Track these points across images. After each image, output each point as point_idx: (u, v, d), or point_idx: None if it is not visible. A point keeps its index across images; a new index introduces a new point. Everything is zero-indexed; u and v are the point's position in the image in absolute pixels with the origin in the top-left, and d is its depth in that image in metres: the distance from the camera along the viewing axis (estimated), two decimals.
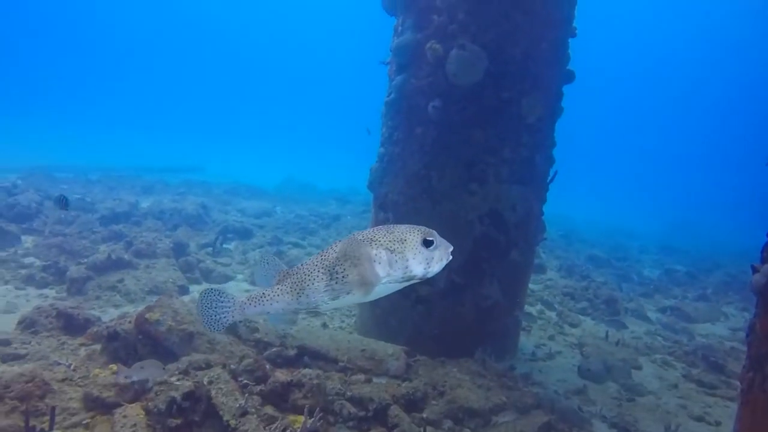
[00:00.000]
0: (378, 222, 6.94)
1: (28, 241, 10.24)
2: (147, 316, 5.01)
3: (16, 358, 5.22)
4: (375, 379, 5.15)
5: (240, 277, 9.81)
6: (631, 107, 77.50)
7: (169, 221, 12.71)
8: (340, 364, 5.34)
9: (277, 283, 2.86)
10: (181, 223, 12.75)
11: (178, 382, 4.10)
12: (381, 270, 2.73)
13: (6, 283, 8.17)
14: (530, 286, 10.85)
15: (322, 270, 2.75)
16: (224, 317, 2.90)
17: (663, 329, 9.49)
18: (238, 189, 23.28)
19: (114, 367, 4.56)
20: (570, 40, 6.72)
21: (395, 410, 4.51)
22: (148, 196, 18.13)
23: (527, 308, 9.32)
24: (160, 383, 4.13)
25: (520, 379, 6.13)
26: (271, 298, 2.85)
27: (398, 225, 2.86)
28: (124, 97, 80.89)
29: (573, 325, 9.00)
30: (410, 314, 6.55)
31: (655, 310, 11.04)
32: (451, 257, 2.80)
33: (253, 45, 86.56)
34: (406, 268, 2.76)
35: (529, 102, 6.19)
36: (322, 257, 2.78)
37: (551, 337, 8.15)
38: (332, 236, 14.56)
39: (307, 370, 4.68)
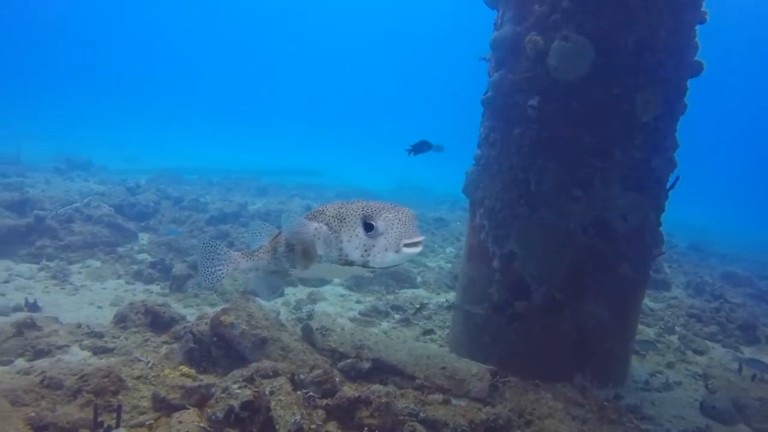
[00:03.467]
0: (474, 229, 6.50)
1: (144, 238, 10.87)
2: (222, 318, 4.95)
3: (105, 351, 5.40)
4: (454, 401, 4.73)
5: (337, 281, 9.70)
6: None
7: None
8: (417, 381, 4.97)
9: (269, 243, 2.99)
10: None
11: (238, 390, 3.94)
12: (319, 247, 2.55)
13: (119, 277, 8.66)
14: (649, 304, 9.84)
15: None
16: (220, 270, 3.05)
17: None
18: (350, 192, 23.55)
19: (183, 368, 4.51)
20: (699, 26, 5.90)
21: None
22: (261, 198, 18.81)
23: (643, 329, 8.40)
24: (222, 390, 4.00)
25: (627, 411, 5.40)
26: (258, 255, 3.02)
27: (358, 200, 2.59)
28: (253, 103, 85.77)
29: (698, 353, 7.94)
30: (505, 331, 6.03)
31: None
32: (411, 250, 2.38)
33: (371, 50, 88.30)
34: (341, 250, 2.50)
35: (644, 98, 5.47)
36: None
37: (670, 365, 7.22)
38: (437, 242, 14.18)
39: (376, 386, 4.35)
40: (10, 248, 9.05)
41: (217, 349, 4.92)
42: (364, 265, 2.46)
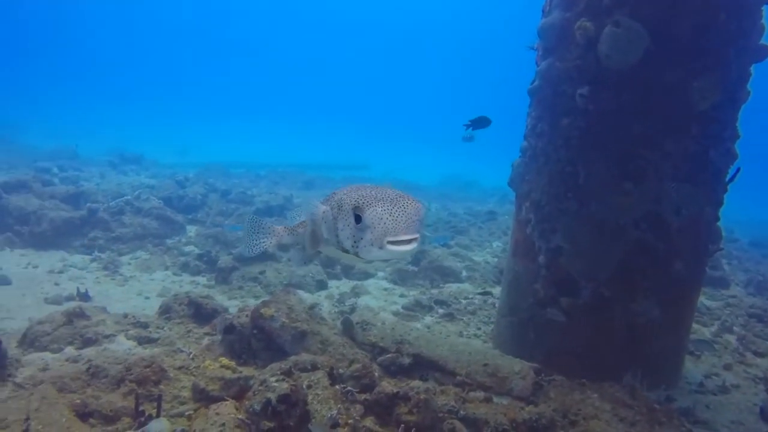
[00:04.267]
0: (520, 224, 6.33)
1: (192, 230, 11.10)
2: (262, 311, 4.96)
3: (150, 341, 5.51)
4: (495, 399, 4.61)
5: (381, 274, 9.66)
6: None
7: None
8: (458, 378, 4.86)
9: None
10: None
11: (276, 383, 3.91)
12: (323, 230, 2.57)
13: (167, 268, 8.85)
14: (706, 302, 9.41)
15: None
16: (263, 242, 3.27)
17: None
18: (395, 186, 23.33)
19: (223, 359, 4.54)
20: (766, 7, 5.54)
21: None
22: (308, 191, 18.94)
23: (699, 329, 8.04)
24: (260, 383, 3.99)
25: (679, 414, 5.15)
26: (297, 231, 3.18)
27: (366, 187, 2.51)
28: (303, 98, 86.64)
29: (759, 354, 7.53)
30: (550, 327, 5.85)
31: None
32: (397, 248, 2.25)
33: (419, 43, 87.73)
34: (337, 236, 2.48)
35: (702, 86, 5.18)
36: None
37: (727, 367, 6.87)
38: (483, 236, 13.97)
39: (416, 383, 4.27)
40: (66, 240, 9.39)
41: (257, 342, 4.93)
42: (357, 255, 2.41)
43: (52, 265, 8.40)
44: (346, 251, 2.46)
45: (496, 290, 9.10)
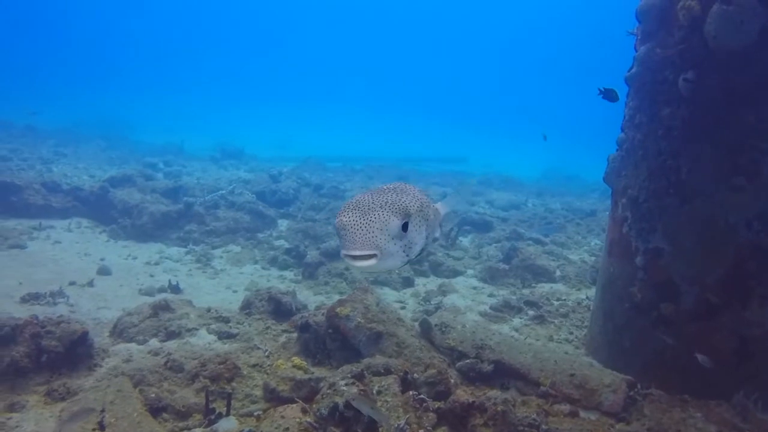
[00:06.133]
0: (615, 221, 5.89)
1: (283, 224, 11.32)
2: (338, 309, 4.88)
3: (229, 336, 5.60)
4: (582, 413, 4.26)
5: (470, 272, 9.39)
6: None
7: None
8: (542, 388, 4.55)
9: None
10: None
11: (344, 387, 3.82)
12: None
13: (256, 262, 9.06)
14: None
15: None
16: None
17: None
18: (493, 180, 22.82)
19: (295, 359, 4.50)
20: None
21: None
22: None
23: None
24: (329, 386, 3.91)
25: None
26: None
27: (379, 190, 2.42)
28: (405, 93, 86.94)
29: None
30: (649, 335, 5.38)
31: None
32: (349, 262, 2.17)
33: (518, 36, 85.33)
34: None
35: None
36: None
37: None
38: (581, 233, 13.28)
39: (493, 392, 4.03)
40: (164, 232, 9.88)
41: (332, 342, 4.86)
42: None
43: (149, 256, 8.84)
44: None
45: (591, 292, 8.57)
